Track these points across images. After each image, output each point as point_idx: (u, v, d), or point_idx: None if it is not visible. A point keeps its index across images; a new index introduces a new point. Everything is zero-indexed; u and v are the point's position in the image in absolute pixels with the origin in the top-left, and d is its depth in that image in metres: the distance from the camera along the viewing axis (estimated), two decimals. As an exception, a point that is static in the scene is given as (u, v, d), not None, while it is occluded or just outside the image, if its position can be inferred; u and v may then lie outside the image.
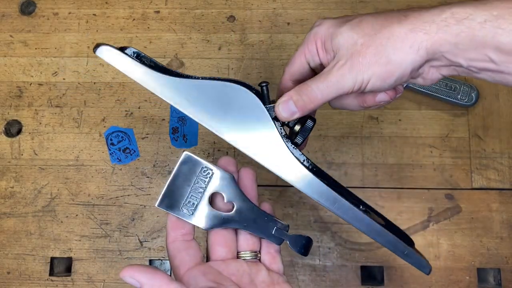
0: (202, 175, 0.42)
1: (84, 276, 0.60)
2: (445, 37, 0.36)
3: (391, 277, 0.59)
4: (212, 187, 0.42)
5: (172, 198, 0.41)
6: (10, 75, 0.67)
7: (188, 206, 0.41)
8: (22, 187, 0.63)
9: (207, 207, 0.42)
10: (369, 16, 0.39)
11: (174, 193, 0.41)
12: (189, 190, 0.42)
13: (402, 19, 0.37)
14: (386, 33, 0.37)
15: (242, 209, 0.42)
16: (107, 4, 0.68)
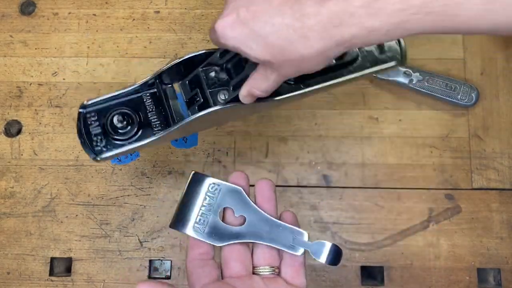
0: (211, 192, 0.42)
1: (84, 276, 0.60)
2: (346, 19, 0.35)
3: (391, 277, 0.59)
4: (221, 202, 0.42)
5: (184, 218, 0.41)
6: (10, 75, 0.67)
7: (200, 224, 0.41)
8: (22, 187, 0.63)
9: (219, 223, 0.41)
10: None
11: (185, 212, 0.41)
12: (199, 208, 0.41)
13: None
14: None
15: (254, 221, 0.41)
16: (107, 4, 0.68)
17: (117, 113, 0.50)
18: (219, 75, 0.51)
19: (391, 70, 0.56)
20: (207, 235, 0.41)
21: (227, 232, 0.41)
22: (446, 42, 0.65)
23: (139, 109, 0.52)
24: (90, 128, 0.50)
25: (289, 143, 0.63)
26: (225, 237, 0.41)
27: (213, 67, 0.51)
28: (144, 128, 0.51)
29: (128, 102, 0.52)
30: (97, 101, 0.51)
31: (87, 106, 0.51)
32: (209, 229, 0.41)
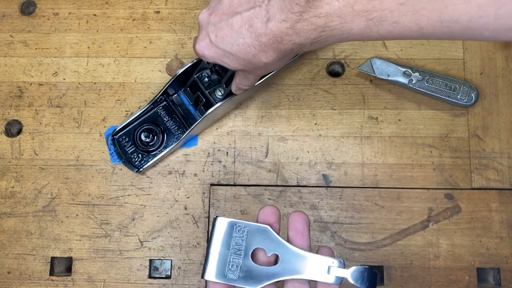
0: (238, 235, 0.41)
1: (84, 276, 0.60)
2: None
3: (391, 277, 0.59)
4: (250, 244, 0.41)
5: (216, 266, 0.40)
6: (10, 75, 0.67)
7: (233, 269, 0.40)
8: (22, 187, 0.63)
9: (252, 265, 0.40)
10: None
11: (216, 260, 0.41)
12: (229, 253, 0.41)
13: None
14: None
15: (287, 257, 0.41)
16: (107, 4, 0.69)
17: (143, 130, 0.61)
18: (211, 76, 0.61)
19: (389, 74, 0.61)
20: (243, 279, 0.40)
21: (262, 273, 0.40)
22: (446, 42, 0.65)
23: (158, 122, 0.63)
24: (125, 149, 0.62)
25: (289, 143, 0.63)
26: (262, 278, 0.40)
27: (205, 71, 0.61)
28: (167, 136, 0.62)
29: (147, 119, 0.63)
30: (123, 126, 0.62)
31: (118, 132, 0.62)
32: (243, 273, 0.40)
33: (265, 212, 0.43)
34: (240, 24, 0.43)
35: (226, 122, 0.64)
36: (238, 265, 0.40)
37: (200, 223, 0.61)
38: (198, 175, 0.63)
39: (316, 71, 0.65)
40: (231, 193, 0.62)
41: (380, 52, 0.65)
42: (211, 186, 0.62)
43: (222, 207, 0.62)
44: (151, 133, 0.61)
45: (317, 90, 0.65)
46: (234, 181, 0.63)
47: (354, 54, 0.66)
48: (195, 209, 0.62)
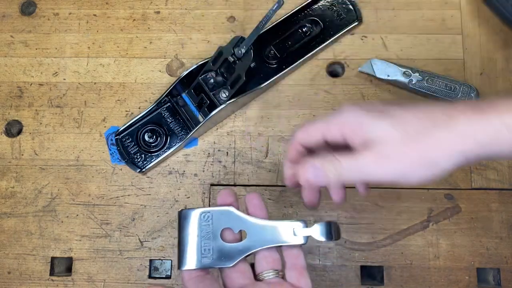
0: (204, 221, 0.43)
1: (84, 276, 0.60)
2: (495, 147, 0.36)
3: (391, 277, 0.59)
4: (217, 226, 0.43)
5: (188, 255, 0.42)
6: (10, 75, 0.67)
7: (206, 254, 0.42)
8: (22, 187, 0.63)
9: (223, 245, 0.42)
10: (410, 114, 0.39)
11: (188, 249, 0.42)
12: (199, 240, 0.42)
13: (449, 123, 0.37)
14: (430, 139, 0.37)
15: (253, 230, 0.43)
16: (107, 5, 0.69)
17: (146, 131, 0.62)
18: (216, 78, 0.62)
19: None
20: (217, 260, 0.42)
21: (233, 250, 0.42)
22: (446, 43, 0.65)
23: (162, 123, 0.63)
24: (128, 149, 0.62)
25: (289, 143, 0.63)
26: (234, 255, 0.42)
27: (209, 73, 0.62)
28: (170, 136, 0.63)
29: (150, 120, 0.63)
30: (126, 126, 0.62)
31: (121, 132, 0.62)
32: (216, 254, 0.42)
33: (222, 195, 0.44)
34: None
35: (226, 122, 0.64)
36: (210, 248, 0.42)
37: (200, 223, 0.61)
38: (198, 175, 0.63)
39: (316, 71, 0.65)
40: (231, 193, 0.62)
41: (380, 52, 0.65)
42: (211, 186, 0.62)
43: (222, 207, 0.62)
44: (155, 134, 0.61)
45: (317, 91, 0.65)
46: (234, 181, 0.63)
47: (354, 55, 0.66)
48: (195, 209, 0.62)
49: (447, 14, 0.66)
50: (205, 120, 0.60)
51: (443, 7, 0.67)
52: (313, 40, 0.65)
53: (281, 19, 0.65)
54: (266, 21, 0.57)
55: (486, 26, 0.66)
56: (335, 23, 0.66)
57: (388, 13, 0.67)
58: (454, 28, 0.66)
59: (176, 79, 0.62)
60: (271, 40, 0.65)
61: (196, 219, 0.43)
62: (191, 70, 0.62)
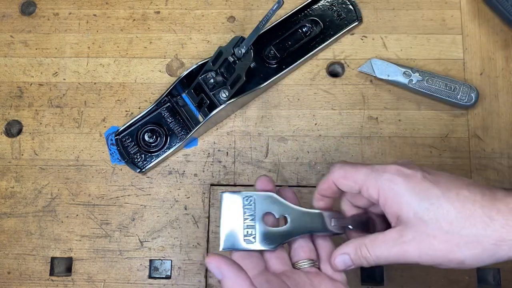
0: (247, 205, 0.44)
1: (84, 276, 0.60)
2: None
3: (391, 277, 0.59)
4: (260, 210, 0.44)
5: (231, 237, 0.43)
6: (10, 75, 0.67)
7: (249, 235, 0.43)
8: (22, 187, 0.63)
9: (266, 229, 0.44)
10: (449, 205, 0.37)
11: (231, 231, 0.43)
12: (242, 222, 0.44)
13: (488, 223, 0.36)
14: (469, 238, 0.36)
15: (296, 217, 0.44)
16: (107, 5, 0.69)
17: (146, 131, 0.62)
18: (216, 78, 0.62)
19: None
20: (260, 243, 0.43)
21: (276, 234, 0.43)
22: (446, 43, 0.65)
23: (162, 123, 0.63)
24: (128, 149, 0.62)
25: (289, 143, 0.63)
26: (276, 239, 0.43)
27: (209, 73, 0.62)
28: (170, 136, 0.63)
29: (150, 120, 0.63)
30: (126, 126, 0.62)
31: (121, 132, 0.62)
32: (260, 237, 0.43)
33: (262, 181, 0.45)
34: None
35: (226, 122, 0.64)
36: (253, 231, 0.43)
37: (200, 223, 0.61)
38: (198, 175, 0.63)
39: (316, 71, 0.65)
40: (231, 193, 0.62)
41: (380, 52, 0.65)
42: (211, 186, 0.62)
43: (222, 207, 0.62)
44: (155, 134, 0.61)
45: (317, 90, 0.65)
46: (234, 181, 0.63)
47: (354, 55, 0.66)
48: (195, 209, 0.62)
49: (447, 14, 0.66)
50: (205, 120, 0.60)
51: (443, 7, 0.67)
52: (313, 40, 0.65)
53: (281, 19, 0.65)
54: (266, 21, 0.57)
55: (486, 26, 0.66)
56: (335, 23, 0.66)
57: (388, 13, 0.67)
58: (454, 28, 0.66)
59: (176, 79, 0.62)
60: (271, 40, 0.65)
61: (240, 202, 0.44)
62: (191, 70, 0.62)
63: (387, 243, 0.39)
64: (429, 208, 0.37)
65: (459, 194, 0.37)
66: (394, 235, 0.39)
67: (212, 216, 0.62)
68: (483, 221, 0.36)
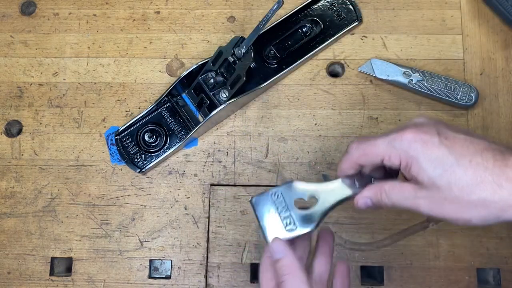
0: (277, 200, 0.47)
1: (84, 276, 0.60)
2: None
3: (391, 277, 0.59)
4: (290, 200, 0.47)
5: (275, 234, 0.45)
6: (10, 75, 0.67)
7: (289, 224, 0.46)
8: (22, 187, 0.63)
9: (300, 213, 0.46)
10: (462, 172, 0.39)
11: (272, 229, 0.46)
12: (279, 217, 0.46)
13: (496, 190, 0.38)
14: (478, 202, 0.39)
15: (323, 193, 0.47)
16: (107, 5, 0.69)
17: (146, 131, 0.62)
18: (216, 78, 0.62)
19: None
20: (301, 227, 0.46)
21: (313, 214, 0.46)
22: (446, 43, 0.65)
23: (162, 123, 0.63)
24: (128, 149, 0.62)
25: (289, 143, 0.63)
26: (314, 218, 0.46)
27: (209, 73, 0.62)
28: (170, 136, 0.63)
29: (150, 120, 0.63)
30: (126, 126, 0.62)
31: (121, 132, 0.62)
32: (299, 222, 0.46)
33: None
34: None
35: (226, 122, 0.64)
36: (291, 219, 0.46)
37: (200, 223, 0.61)
38: (198, 175, 0.63)
39: (316, 71, 0.65)
40: (231, 193, 0.62)
41: (380, 52, 0.65)
42: (211, 186, 0.62)
43: (222, 207, 0.62)
44: (155, 134, 0.62)
45: (317, 91, 0.65)
46: (234, 181, 0.63)
47: (354, 55, 0.66)
48: (195, 209, 0.62)
49: (447, 14, 0.66)
50: (205, 120, 0.60)
51: (443, 7, 0.67)
52: (313, 40, 0.65)
53: (281, 19, 0.65)
54: (266, 21, 0.57)
55: (486, 26, 0.66)
56: (335, 23, 0.66)
57: (388, 13, 0.67)
58: (454, 28, 0.66)
59: (176, 79, 0.62)
60: (271, 40, 0.65)
61: (269, 200, 0.47)
62: (191, 70, 0.62)
63: (403, 194, 0.42)
64: (442, 174, 0.39)
65: (472, 161, 0.39)
66: (410, 190, 0.42)
67: (212, 216, 0.62)
68: (492, 188, 0.38)
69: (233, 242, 0.61)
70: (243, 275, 0.60)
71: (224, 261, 0.60)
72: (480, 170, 0.39)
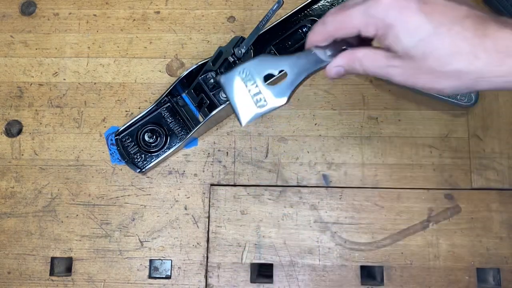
0: (245, 76, 0.46)
1: (84, 276, 0.61)
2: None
3: (391, 277, 0.59)
4: (258, 75, 0.45)
5: (246, 109, 0.45)
6: (10, 75, 0.67)
7: (260, 101, 0.45)
8: (22, 187, 0.63)
9: (271, 88, 0.45)
10: (438, 42, 0.37)
11: (243, 105, 0.45)
12: (248, 94, 0.45)
13: (472, 61, 0.37)
14: (451, 73, 0.37)
15: (292, 65, 0.45)
16: (107, 5, 0.69)
17: (146, 131, 0.62)
18: (216, 78, 0.61)
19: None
20: (271, 102, 0.45)
21: (283, 87, 0.45)
22: (446, 43, 0.65)
23: (162, 123, 0.63)
24: (128, 149, 0.62)
25: (289, 143, 0.63)
26: (284, 91, 0.45)
27: (209, 73, 0.62)
28: (170, 136, 0.63)
29: (150, 120, 0.63)
30: (126, 126, 0.62)
31: (121, 132, 0.62)
32: (269, 97, 0.45)
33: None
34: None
35: (226, 122, 0.64)
36: (261, 95, 0.45)
37: (200, 223, 0.61)
38: (198, 175, 0.63)
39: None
40: (231, 193, 0.62)
41: (380, 52, 0.65)
42: (211, 186, 0.62)
43: (222, 207, 0.62)
44: (155, 134, 0.62)
45: (317, 90, 0.65)
46: (234, 181, 0.63)
47: (354, 55, 0.66)
48: (195, 209, 0.62)
49: (447, 14, 0.66)
50: (205, 120, 0.60)
51: (443, 7, 0.67)
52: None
53: (281, 19, 0.65)
54: (266, 21, 0.57)
55: (486, 26, 0.66)
56: None
57: (388, 13, 0.67)
58: (454, 28, 0.66)
59: (176, 79, 0.62)
60: (271, 40, 0.65)
61: (238, 78, 0.46)
62: (191, 70, 0.62)
63: (376, 63, 0.40)
64: (418, 44, 0.37)
65: (451, 30, 0.37)
66: (383, 58, 0.40)
67: (212, 216, 0.62)
68: (468, 59, 0.36)
69: (233, 242, 0.61)
70: (243, 275, 0.60)
71: (224, 261, 0.60)
72: (458, 40, 0.36)
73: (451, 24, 0.36)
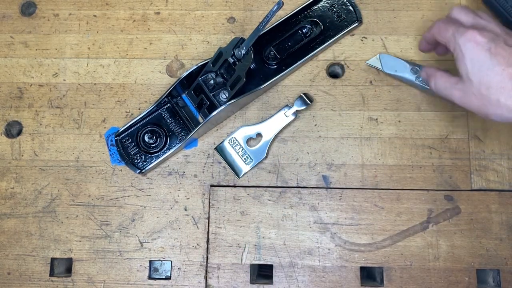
0: (233, 144, 0.62)
1: (84, 277, 0.61)
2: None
3: (391, 278, 0.59)
4: (243, 140, 0.63)
5: (238, 166, 0.62)
6: (10, 76, 0.67)
7: (247, 159, 0.62)
8: (22, 188, 0.63)
9: (253, 149, 0.62)
10: (492, 76, 0.49)
11: (235, 163, 0.62)
12: (238, 156, 0.62)
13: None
14: (496, 103, 0.49)
15: (265, 129, 0.63)
16: (107, 6, 0.69)
17: (146, 131, 0.62)
18: (216, 79, 0.62)
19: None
20: (254, 160, 0.62)
21: (262, 147, 0.63)
22: (446, 44, 0.65)
23: (162, 124, 0.63)
24: (128, 150, 0.62)
25: (289, 144, 0.63)
26: (264, 149, 0.63)
27: (209, 74, 0.62)
28: (170, 137, 0.63)
29: (150, 120, 0.63)
30: (126, 127, 0.62)
31: (121, 133, 0.62)
32: (253, 155, 0.62)
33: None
34: None
35: (226, 123, 0.64)
36: (247, 155, 0.62)
37: (200, 224, 0.61)
38: (198, 176, 0.63)
39: (316, 72, 0.65)
40: (231, 194, 0.62)
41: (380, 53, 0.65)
42: (211, 187, 0.62)
43: (222, 208, 0.62)
44: (155, 135, 0.62)
45: (317, 91, 0.65)
46: (234, 182, 0.63)
47: (354, 56, 0.66)
48: (195, 210, 0.62)
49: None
50: (205, 121, 0.60)
51: (443, 8, 0.67)
52: (313, 41, 0.65)
53: (281, 20, 0.66)
54: (266, 22, 0.57)
55: (486, 27, 0.66)
56: (335, 24, 0.66)
57: (388, 14, 0.67)
58: (454, 29, 0.66)
59: (176, 80, 0.62)
60: (271, 41, 0.65)
61: (229, 145, 0.62)
62: (191, 71, 0.62)
63: (447, 83, 0.53)
64: (477, 73, 0.49)
65: (504, 70, 0.48)
66: (453, 81, 0.52)
67: (212, 217, 0.62)
68: (510, 95, 0.48)
69: (233, 243, 0.61)
70: (243, 276, 0.60)
71: (224, 261, 0.60)
72: (507, 79, 0.48)
73: (507, 66, 0.48)
